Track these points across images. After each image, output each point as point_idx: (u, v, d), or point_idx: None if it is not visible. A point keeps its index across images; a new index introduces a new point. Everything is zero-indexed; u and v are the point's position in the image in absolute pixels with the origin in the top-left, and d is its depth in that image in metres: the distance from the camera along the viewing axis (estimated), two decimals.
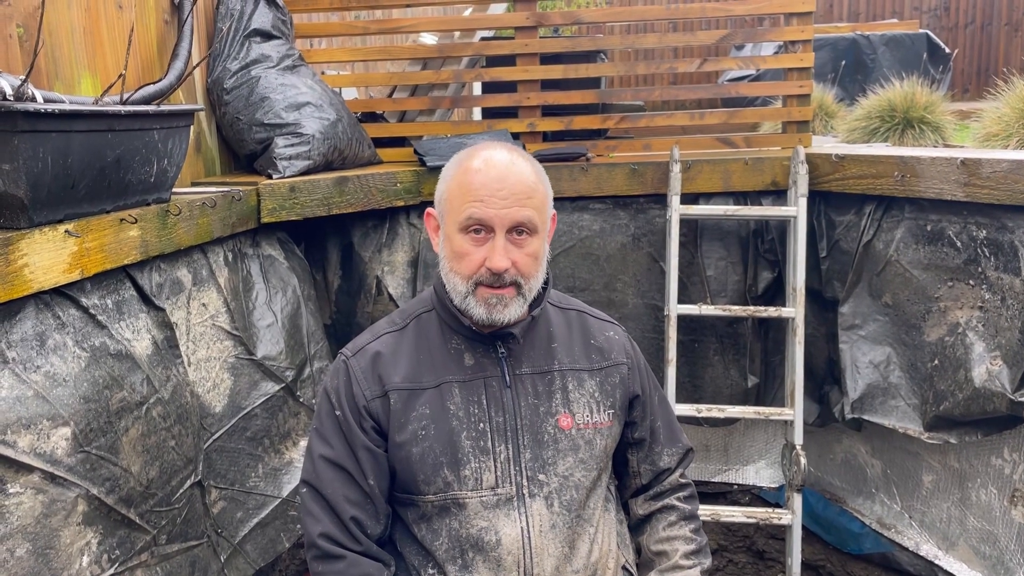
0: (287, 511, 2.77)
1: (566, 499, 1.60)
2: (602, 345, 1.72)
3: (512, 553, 1.55)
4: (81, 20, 2.45)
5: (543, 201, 1.57)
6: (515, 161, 1.56)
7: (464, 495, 1.57)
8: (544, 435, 1.61)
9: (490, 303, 1.54)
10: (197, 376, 2.44)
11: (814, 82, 3.69)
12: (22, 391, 1.75)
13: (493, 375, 1.62)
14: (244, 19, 3.25)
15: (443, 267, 1.61)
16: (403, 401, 1.59)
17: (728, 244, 3.31)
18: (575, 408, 1.64)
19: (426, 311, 1.69)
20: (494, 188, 1.51)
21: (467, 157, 1.59)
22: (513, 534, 1.56)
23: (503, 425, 1.59)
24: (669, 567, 1.69)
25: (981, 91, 5.07)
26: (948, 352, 2.72)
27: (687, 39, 3.58)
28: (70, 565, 1.83)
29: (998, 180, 2.52)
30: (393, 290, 3.30)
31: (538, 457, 1.59)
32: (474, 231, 1.53)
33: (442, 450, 1.57)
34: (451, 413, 1.58)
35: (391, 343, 1.65)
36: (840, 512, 3.41)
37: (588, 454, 1.63)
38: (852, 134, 3.89)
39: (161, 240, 2.25)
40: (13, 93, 1.76)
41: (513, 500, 1.57)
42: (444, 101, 3.69)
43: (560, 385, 1.65)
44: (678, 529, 1.74)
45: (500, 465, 1.57)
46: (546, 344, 1.67)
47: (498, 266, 1.50)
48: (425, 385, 1.60)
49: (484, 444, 1.58)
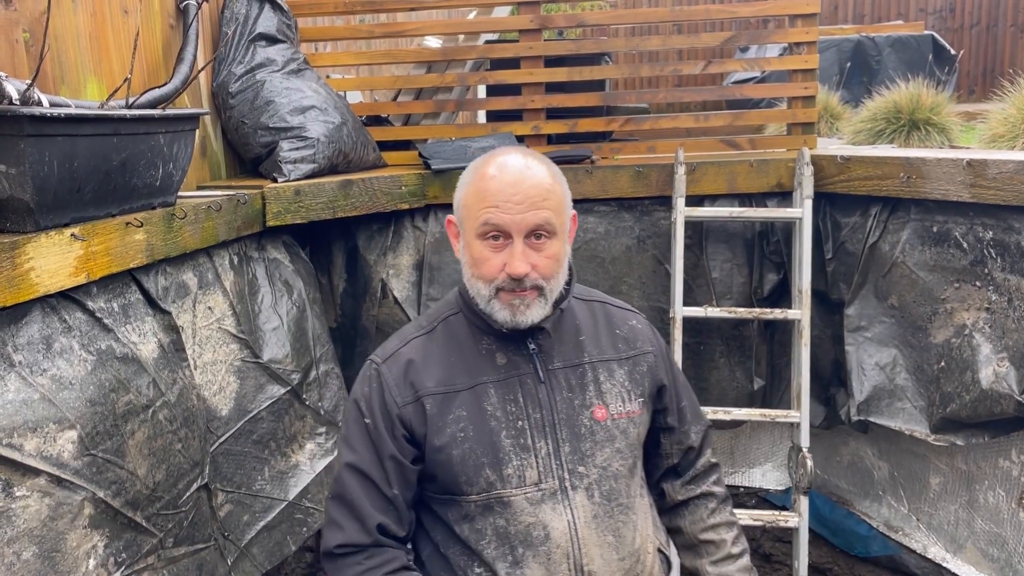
0: (293, 514, 2.77)
1: (606, 489, 1.62)
2: (627, 335, 1.75)
3: (561, 546, 1.57)
4: (87, 25, 2.46)
5: (560, 202, 1.58)
6: (530, 165, 1.57)
7: (508, 493, 1.58)
8: (581, 428, 1.63)
9: (513, 305, 1.56)
10: (203, 379, 2.45)
11: (819, 84, 3.68)
12: (28, 394, 1.76)
13: (526, 372, 1.63)
14: (249, 23, 3.26)
15: (465, 273, 1.63)
16: (438, 405, 1.60)
17: (733, 246, 3.30)
18: (608, 399, 1.66)
19: (453, 314, 1.70)
20: (509, 193, 1.52)
21: (483, 163, 1.61)
22: (561, 527, 1.57)
23: (541, 421, 1.61)
24: (722, 557, 1.77)
25: (987, 92, 5.05)
26: (955, 354, 2.71)
27: (691, 41, 3.58)
28: (76, 568, 1.83)
29: (1004, 181, 2.51)
30: (398, 293, 3.30)
31: (577, 450, 1.61)
32: (492, 237, 1.54)
33: (483, 451, 1.58)
34: (488, 414, 1.60)
35: (421, 347, 1.67)
36: (847, 515, 3.40)
37: (624, 443, 1.66)
38: (857, 136, 3.88)
39: (167, 244, 2.25)
40: (19, 97, 1.77)
41: (557, 494, 1.59)
42: (448, 104, 3.69)
43: (592, 377, 1.67)
44: (720, 515, 1.81)
45: (541, 461, 1.59)
46: (574, 337, 1.69)
47: (518, 271, 1.52)
48: (459, 387, 1.62)
49: (524, 441, 1.59)
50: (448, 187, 3.24)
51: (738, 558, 1.78)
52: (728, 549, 1.77)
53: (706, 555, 1.78)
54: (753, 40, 3.76)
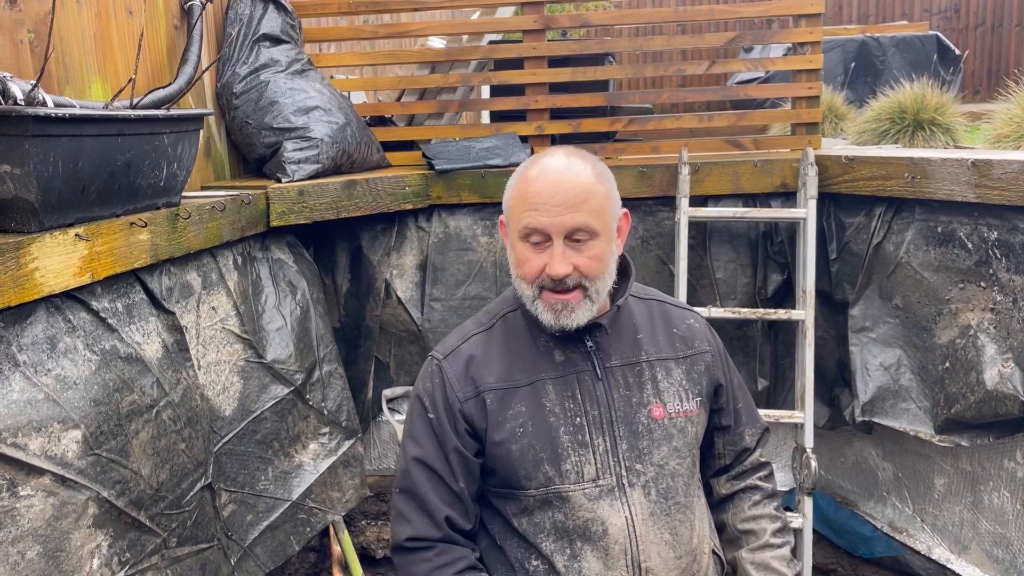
0: (296, 514, 2.77)
1: (663, 487, 1.63)
2: (684, 334, 1.76)
3: (619, 542, 1.59)
4: (91, 25, 2.46)
5: (602, 203, 1.57)
6: (572, 165, 1.57)
7: (567, 489, 1.60)
8: (638, 425, 1.64)
9: (556, 308, 1.57)
10: (207, 379, 2.45)
11: (823, 84, 3.68)
12: (33, 394, 1.76)
13: (584, 369, 1.65)
14: (253, 24, 3.27)
15: (512, 273, 1.65)
16: (499, 400, 1.62)
17: (737, 246, 3.30)
18: (665, 398, 1.67)
19: (511, 310, 1.72)
20: (548, 195, 1.53)
21: (528, 165, 1.62)
22: (619, 523, 1.59)
23: (599, 418, 1.62)
24: (760, 546, 1.75)
25: (992, 93, 5.04)
26: (959, 354, 2.70)
27: (695, 41, 3.57)
28: (80, 567, 1.83)
29: (1009, 181, 2.50)
30: (402, 293, 3.30)
31: (634, 447, 1.63)
32: (533, 239, 1.56)
33: (541, 446, 1.60)
34: (547, 410, 1.62)
35: (481, 344, 1.69)
36: (851, 516, 3.39)
37: (681, 442, 1.67)
38: (862, 136, 3.87)
39: (171, 244, 2.26)
40: (24, 98, 1.78)
41: (614, 490, 1.61)
42: (452, 105, 3.70)
43: (649, 376, 1.68)
44: (763, 508, 1.79)
45: (599, 457, 1.61)
46: (631, 335, 1.71)
47: (557, 272, 1.53)
48: (519, 383, 1.63)
49: (582, 438, 1.61)
50: (451, 187, 3.24)
51: (777, 548, 1.75)
52: (767, 539, 1.75)
53: (744, 544, 1.78)
54: (757, 40, 3.75)
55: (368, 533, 3.58)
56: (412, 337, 3.35)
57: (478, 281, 3.29)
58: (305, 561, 3.48)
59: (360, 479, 3.06)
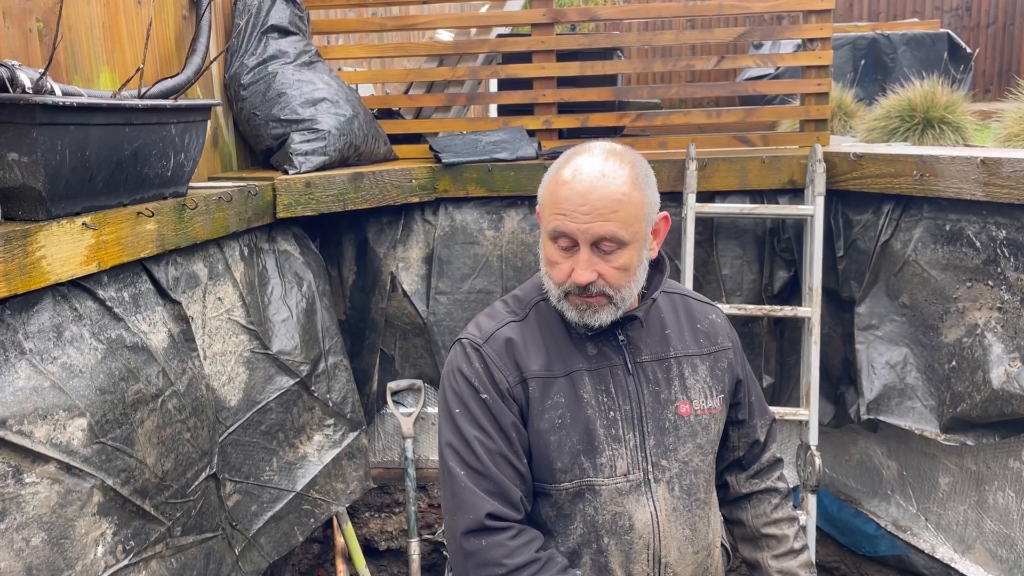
0: (301, 505, 2.78)
1: (686, 484, 1.65)
2: (707, 329, 1.76)
3: (643, 537, 1.60)
4: (100, 15, 2.46)
5: (634, 212, 1.55)
6: (607, 172, 1.54)
7: (600, 482, 1.60)
8: (665, 422, 1.65)
9: (581, 308, 1.57)
10: (212, 369, 2.46)
11: (833, 81, 3.66)
12: (39, 382, 1.77)
13: (616, 363, 1.65)
14: (261, 15, 3.27)
15: (541, 267, 1.64)
16: (540, 389, 1.62)
17: (744, 243, 3.29)
18: (692, 394, 1.68)
19: (543, 299, 1.70)
20: (577, 203, 1.51)
21: (563, 163, 1.59)
22: (644, 519, 1.60)
23: (630, 413, 1.63)
24: (784, 552, 1.80)
25: (1003, 91, 5.01)
26: (966, 353, 2.69)
27: (704, 36, 3.56)
28: (85, 555, 1.84)
29: (1019, 180, 2.49)
30: (407, 286, 3.30)
31: (661, 444, 1.64)
32: (561, 242, 1.55)
33: (579, 438, 1.60)
34: (585, 402, 1.61)
35: (517, 330, 1.66)
36: (855, 514, 3.38)
37: (705, 439, 1.68)
38: (871, 134, 3.86)
39: (177, 234, 2.26)
40: (32, 86, 1.78)
41: (641, 486, 1.62)
42: (460, 98, 3.69)
43: (677, 372, 1.68)
44: (782, 511, 1.83)
45: (630, 452, 1.62)
46: (660, 331, 1.71)
47: (581, 280, 1.53)
48: (556, 373, 1.63)
49: (616, 432, 1.62)
50: (458, 181, 3.24)
51: (799, 553, 1.80)
52: (790, 544, 1.80)
53: (767, 548, 1.81)
54: (767, 36, 3.74)
55: (371, 525, 3.59)
56: (417, 330, 3.36)
57: (484, 275, 3.28)
58: (308, 552, 3.49)
59: (364, 471, 3.06)
